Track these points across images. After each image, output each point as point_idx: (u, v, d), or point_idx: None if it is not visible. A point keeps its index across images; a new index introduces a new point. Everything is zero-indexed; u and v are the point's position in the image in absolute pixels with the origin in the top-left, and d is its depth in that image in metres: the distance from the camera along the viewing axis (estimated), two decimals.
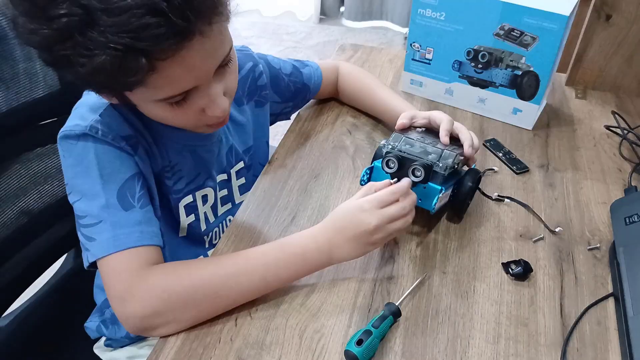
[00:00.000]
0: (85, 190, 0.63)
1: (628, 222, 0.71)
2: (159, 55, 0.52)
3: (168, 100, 0.59)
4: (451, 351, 0.61)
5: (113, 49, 0.50)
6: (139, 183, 0.65)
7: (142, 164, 0.67)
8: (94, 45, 0.50)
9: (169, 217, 0.76)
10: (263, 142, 0.90)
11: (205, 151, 0.77)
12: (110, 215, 0.61)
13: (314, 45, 2.96)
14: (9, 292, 0.84)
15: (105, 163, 0.63)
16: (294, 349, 0.60)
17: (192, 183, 0.77)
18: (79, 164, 0.63)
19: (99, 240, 0.61)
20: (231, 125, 0.82)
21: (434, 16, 0.95)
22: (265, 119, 0.90)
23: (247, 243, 0.73)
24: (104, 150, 0.63)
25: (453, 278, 0.69)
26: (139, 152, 0.67)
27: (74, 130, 0.63)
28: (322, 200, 0.80)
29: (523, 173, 0.87)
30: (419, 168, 0.68)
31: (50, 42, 0.51)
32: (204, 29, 0.54)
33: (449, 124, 0.76)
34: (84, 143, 0.63)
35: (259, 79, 0.86)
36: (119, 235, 0.61)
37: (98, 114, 0.65)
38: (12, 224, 0.80)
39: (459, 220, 0.78)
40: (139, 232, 0.62)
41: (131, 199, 0.63)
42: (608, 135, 0.97)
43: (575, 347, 0.62)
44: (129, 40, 0.49)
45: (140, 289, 0.59)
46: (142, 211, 0.63)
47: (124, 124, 0.66)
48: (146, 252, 0.61)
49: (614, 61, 1.06)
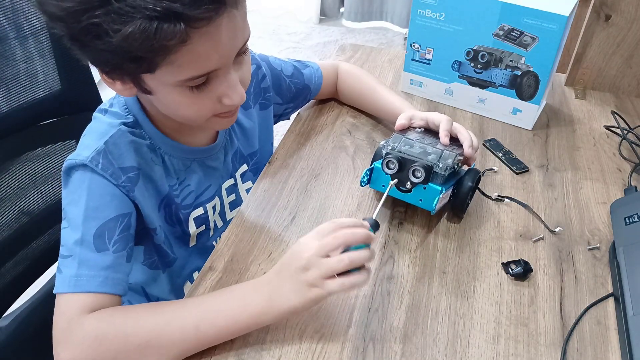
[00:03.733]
0: (70, 219, 0.62)
1: (628, 222, 0.71)
2: (194, 22, 0.51)
3: (191, 81, 0.58)
4: (451, 351, 0.61)
5: (150, 13, 0.49)
6: (120, 226, 0.63)
7: (142, 198, 0.66)
8: (130, 9, 0.49)
9: (179, 231, 0.76)
10: (268, 144, 0.91)
11: (213, 159, 0.77)
12: (80, 253, 0.60)
13: (314, 46, 2.96)
14: (9, 292, 0.84)
15: (95, 196, 0.62)
16: (294, 349, 0.60)
17: (202, 195, 0.77)
18: (73, 192, 0.63)
19: (63, 275, 0.60)
20: (238, 129, 0.82)
21: (433, 16, 0.95)
22: (269, 121, 0.90)
23: (247, 243, 0.73)
24: (99, 183, 0.63)
25: (453, 278, 0.69)
26: (140, 184, 0.66)
27: (76, 160, 0.63)
28: (322, 200, 0.80)
29: (523, 173, 0.87)
30: (419, 169, 0.68)
31: (84, 9, 0.49)
32: (234, 3, 0.55)
33: (448, 124, 0.76)
34: (82, 173, 0.63)
35: (262, 81, 0.86)
36: (82, 276, 0.59)
37: (103, 141, 0.64)
38: (12, 224, 0.80)
39: (459, 220, 0.78)
40: (104, 277, 0.60)
41: (107, 240, 0.61)
42: (608, 135, 0.97)
43: (575, 347, 0.62)
44: (168, 3, 0.49)
45: (76, 335, 0.57)
46: (113, 256, 0.61)
47: (129, 152, 0.65)
48: (103, 299, 0.59)
49: (613, 61, 1.06)
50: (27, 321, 0.85)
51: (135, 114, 0.68)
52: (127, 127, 0.66)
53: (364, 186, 0.75)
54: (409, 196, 0.72)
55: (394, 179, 0.71)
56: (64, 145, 0.86)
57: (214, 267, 0.70)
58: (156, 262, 0.78)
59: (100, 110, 0.69)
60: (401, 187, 0.71)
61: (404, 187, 0.71)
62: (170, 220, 0.74)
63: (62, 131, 0.86)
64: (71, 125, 0.86)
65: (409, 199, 0.73)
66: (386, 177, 0.71)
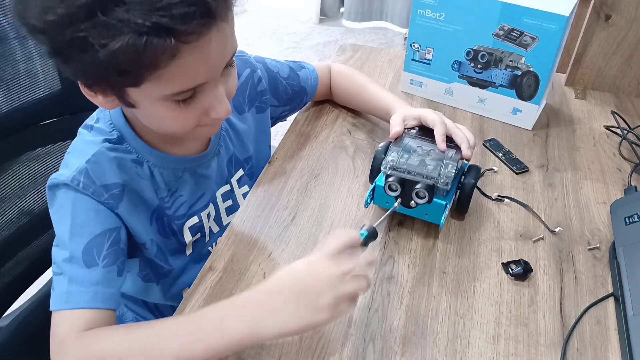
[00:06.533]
0: (59, 238, 0.62)
1: (628, 222, 0.71)
2: (184, 37, 0.50)
3: (178, 95, 0.56)
4: (451, 351, 0.61)
5: (139, 28, 0.47)
6: (109, 240, 0.62)
7: (128, 214, 0.66)
8: (118, 23, 0.47)
9: (174, 242, 0.76)
10: (265, 146, 0.90)
11: (204, 168, 0.75)
12: (70, 270, 0.60)
13: (313, 46, 2.96)
14: (9, 292, 0.84)
15: (80, 213, 0.62)
16: (294, 348, 0.60)
17: (195, 205, 0.76)
18: (58, 211, 0.63)
19: (55, 292, 0.60)
20: (232, 134, 0.81)
21: (433, 16, 0.95)
22: (266, 124, 0.89)
23: (247, 243, 0.73)
24: (82, 201, 0.62)
25: (453, 278, 0.69)
26: (125, 200, 0.65)
27: (58, 179, 0.63)
28: (322, 200, 0.80)
29: (523, 173, 0.87)
30: (422, 191, 0.68)
31: (68, 22, 0.47)
32: (224, 16, 0.54)
33: (443, 127, 0.75)
34: (64, 192, 0.63)
35: (258, 85, 0.85)
36: (72, 293, 0.59)
37: (85, 159, 0.63)
38: (12, 224, 0.80)
39: (459, 220, 0.78)
40: (94, 292, 0.59)
41: (96, 256, 0.61)
42: (608, 135, 0.97)
43: (575, 347, 0.62)
44: (158, 18, 0.47)
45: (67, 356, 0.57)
46: (103, 271, 0.61)
47: (111, 169, 0.65)
48: (95, 315, 0.59)
49: (613, 61, 1.06)
50: (27, 321, 0.85)
51: (120, 128, 0.66)
52: (110, 143, 0.65)
53: (367, 207, 0.75)
54: (415, 211, 0.72)
55: (398, 199, 0.71)
56: (64, 145, 0.86)
57: (214, 267, 0.70)
58: (149, 275, 0.78)
59: (85, 127, 0.68)
60: (406, 205, 0.72)
61: (408, 206, 0.71)
62: (164, 232, 0.73)
63: (62, 131, 0.86)
64: (71, 125, 0.86)
65: (415, 214, 0.73)
66: (390, 197, 0.71)
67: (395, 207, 0.70)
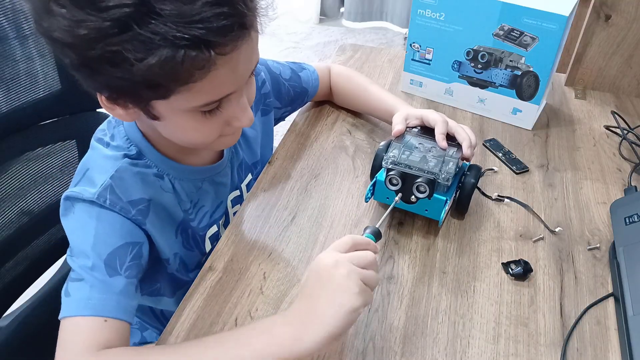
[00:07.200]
0: (78, 248, 0.60)
1: (628, 222, 0.71)
2: (220, 49, 0.49)
3: (205, 107, 0.55)
4: (451, 351, 0.61)
5: (177, 41, 0.46)
6: (132, 253, 0.61)
7: (154, 229, 0.65)
8: (154, 37, 0.45)
9: (197, 254, 0.76)
10: (268, 149, 0.90)
11: (222, 175, 0.76)
12: (92, 277, 0.58)
13: (314, 46, 2.96)
14: (9, 292, 0.84)
15: (105, 225, 0.60)
16: None
17: (215, 213, 0.76)
18: (78, 223, 0.61)
19: (73, 297, 0.57)
20: (242, 139, 0.81)
21: (433, 16, 0.95)
22: (271, 127, 0.90)
23: (247, 243, 0.73)
24: (107, 215, 0.61)
25: (453, 278, 0.69)
26: (152, 215, 0.65)
27: (82, 195, 0.60)
28: (322, 200, 0.80)
29: (523, 173, 0.87)
30: (423, 184, 0.68)
31: (101, 36, 0.46)
32: (254, 26, 0.53)
33: (444, 126, 0.75)
34: (88, 207, 0.60)
35: (262, 87, 0.85)
36: (94, 299, 0.57)
37: (109, 175, 0.61)
38: (12, 224, 0.80)
39: (459, 220, 0.78)
40: (116, 301, 0.57)
41: (119, 267, 0.59)
42: (608, 135, 0.97)
43: (575, 347, 0.62)
44: (196, 30, 0.46)
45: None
46: (126, 281, 0.59)
47: (136, 184, 0.63)
48: (112, 326, 0.56)
49: (613, 61, 1.06)
50: (27, 321, 0.85)
51: (137, 143, 0.65)
52: (130, 159, 0.64)
53: (368, 201, 0.75)
54: (415, 207, 0.72)
55: (398, 194, 0.71)
56: (64, 145, 0.86)
57: (214, 267, 0.70)
58: (159, 289, 0.77)
59: (100, 141, 0.66)
60: (406, 201, 0.72)
61: (408, 200, 0.71)
62: (188, 244, 0.73)
63: (62, 131, 0.86)
64: (71, 125, 0.86)
65: (415, 209, 0.73)
66: (390, 192, 0.71)
67: (396, 201, 0.70)
